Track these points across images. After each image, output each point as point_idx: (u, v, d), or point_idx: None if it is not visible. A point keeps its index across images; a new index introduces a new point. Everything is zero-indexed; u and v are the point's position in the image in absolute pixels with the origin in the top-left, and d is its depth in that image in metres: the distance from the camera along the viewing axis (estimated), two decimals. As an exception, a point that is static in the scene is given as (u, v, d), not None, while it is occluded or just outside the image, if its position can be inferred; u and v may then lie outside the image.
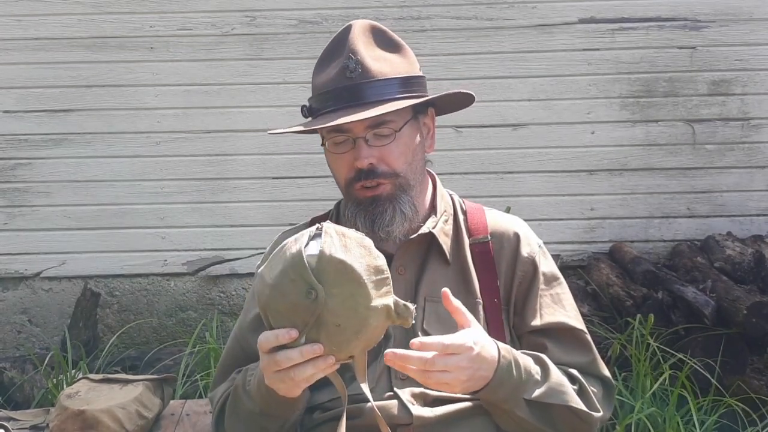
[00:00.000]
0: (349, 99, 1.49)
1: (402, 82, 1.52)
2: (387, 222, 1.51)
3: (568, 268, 3.78)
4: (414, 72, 1.56)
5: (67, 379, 3.19)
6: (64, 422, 2.05)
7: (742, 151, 3.88)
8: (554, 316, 1.56)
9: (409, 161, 1.54)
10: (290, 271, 1.22)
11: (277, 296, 1.23)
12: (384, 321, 1.25)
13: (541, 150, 3.88)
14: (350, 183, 1.53)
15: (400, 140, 1.52)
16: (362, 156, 1.50)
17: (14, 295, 3.96)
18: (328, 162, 1.58)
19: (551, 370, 1.47)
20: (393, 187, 1.52)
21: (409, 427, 1.45)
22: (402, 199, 1.53)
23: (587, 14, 3.84)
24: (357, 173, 1.51)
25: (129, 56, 3.86)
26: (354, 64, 1.49)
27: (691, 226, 3.89)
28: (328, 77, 1.52)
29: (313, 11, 3.85)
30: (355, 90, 1.49)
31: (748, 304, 2.99)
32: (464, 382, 1.34)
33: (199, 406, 2.31)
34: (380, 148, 1.51)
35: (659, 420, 2.89)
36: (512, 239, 1.60)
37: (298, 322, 1.23)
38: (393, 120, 1.51)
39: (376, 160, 1.50)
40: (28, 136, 3.89)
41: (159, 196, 3.90)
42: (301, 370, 1.25)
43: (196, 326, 3.64)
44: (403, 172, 1.53)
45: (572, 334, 1.57)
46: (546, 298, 1.58)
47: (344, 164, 1.53)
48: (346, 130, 1.50)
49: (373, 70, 1.50)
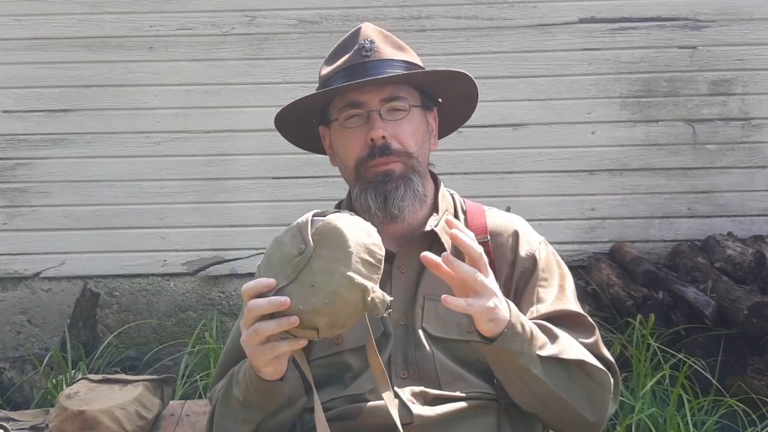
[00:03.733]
0: (363, 74, 1.52)
1: (411, 66, 1.56)
2: (400, 197, 1.51)
3: (569, 268, 3.77)
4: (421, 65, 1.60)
5: (66, 379, 3.19)
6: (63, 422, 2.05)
7: (743, 151, 3.87)
8: (554, 305, 1.54)
9: (420, 144, 1.55)
10: (294, 227, 1.31)
11: (274, 247, 1.31)
12: (357, 301, 1.25)
13: (541, 150, 3.87)
14: (362, 162, 1.53)
15: (412, 119, 1.54)
16: (376, 126, 1.50)
17: (14, 295, 3.96)
18: (336, 144, 1.58)
19: (560, 334, 1.45)
20: (405, 167, 1.53)
21: (409, 427, 1.44)
22: (414, 179, 1.53)
23: (587, 14, 3.84)
24: (370, 150, 1.51)
25: (129, 56, 3.86)
26: (369, 45, 1.54)
27: (692, 226, 3.88)
28: (341, 61, 1.56)
29: (313, 11, 3.84)
30: (368, 65, 1.53)
31: (749, 305, 2.99)
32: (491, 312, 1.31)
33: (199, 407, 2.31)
34: (394, 123, 1.52)
35: (659, 420, 2.89)
36: (511, 239, 1.60)
37: (281, 276, 1.27)
38: (406, 97, 1.54)
39: (390, 136, 1.51)
40: (28, 136, 3.89)
41: (159, 196, 3.90)
42: (265, 323, 1.26)
43: (195, 326, 3.63)
44: (414, 153, 1.54)
45: (573, 318, 1.54)
46: (545, 290, 1.56)
47: (357, 140, 1.53)
48: (360, 104, 1.52)
49: (387, 52, 1.55)
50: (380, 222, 1.50)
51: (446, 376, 1.49)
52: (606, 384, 1.46)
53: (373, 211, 1.51)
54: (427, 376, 1.49)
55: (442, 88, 1.62)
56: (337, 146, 1.59)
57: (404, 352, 1.51)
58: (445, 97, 1.63)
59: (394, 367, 1.49)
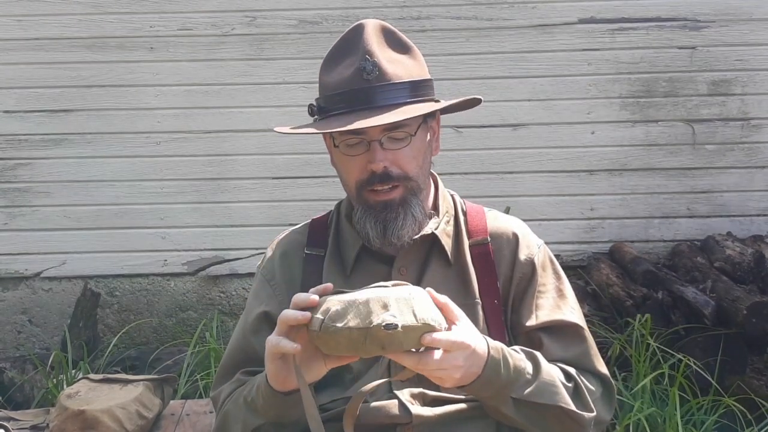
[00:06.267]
0: (366, 101, 1.48)
1: (415, 86, 1.52)
2: (399, 227, 1.51)
3: (568, 268, 3.77)
4: (425, 75, 1.56)
5: (67, 379, 3.19)
6: (64, 422, 2.06)
7: (742, 151, 3.88)
8: (551, 315, 1.55)
9: (420, 165, 1.54)
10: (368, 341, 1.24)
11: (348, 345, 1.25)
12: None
13: (541, 150, 3.88)
14: (362, 186, 1.52)
15: (414, 144, 1.52)
16: (377, 159, 1.48)
17: (14, 295, 3.96)
18: (336, 162, 1.57)
19: (543, 369, 1.45)
20: (405, 190, 1.52)
21: (408, 426, 1.45)
22: (413, 203, 1.52)
23: (587, 14, 3.84)
24: (370, 176, 1.50)
25: (129, 56, 3.86)
26: (371, 66, 1.48)
27: (691, 226, 3.89)
28: (341, 77, 1.50)
29: (313, 11, 3.85)
30: (371, 93, 1.48)
31: (748, 304, 2.99)
32: (457, 380, 1.33)
33: (199, 406, 2.31)
34: (394, 151, 1.50)
35: (659, 420, 2.89)
36: (511, 241, 1.60)
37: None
38: (408, 124, 1.50)
39: (390, 163, 1.50)
40: (28, 136, 3.90)
41: (159, 196, 3.90)
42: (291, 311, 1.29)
43: (196, 326, 3.64)
44: (414, 176, 1.52)
45: (570, 330, 1.55)
46: (543, 297, 1.57)
47: (357, 166, 1.51)
48: (361, 132, 1.49)
49: (389, 73, 1.49)
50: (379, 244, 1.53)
51: None
52: (584, 422, 1.47)
53: (372, 238, 1.52)
54: (426, 379, 1.50)
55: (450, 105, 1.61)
56: (338, 166, 1.57)
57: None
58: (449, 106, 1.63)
59: (393, 368, 1.50)
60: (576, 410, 1.46)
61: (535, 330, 1.54)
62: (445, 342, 1.27)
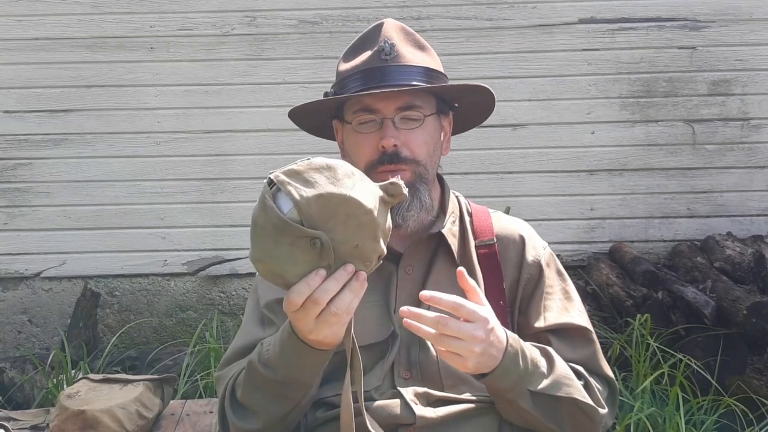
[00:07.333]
0: (380, 79, 1.51)
1: (429, 72, 1.56)
2: (405, 207, 1.51)
3: (568, 268, 3.73)
4: (439, 68, 1.60)
5: (67, 379, 3.19)
6: (64, 422, 2.06)
7: (742, 151, 3.88)
8: (560, 317, 1.56)
9: (430, 153, 1.56)
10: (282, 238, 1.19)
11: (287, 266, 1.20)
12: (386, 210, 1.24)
13: (541, 150, 3.88)
14: (371, 166, 1.52)
15: (426, 128, 1.54)
16: (388, 135, 1.51)
17: (14, 295, 3.96)
18: (347, 145, 1.59)
19: (557, 363, 1.46)
20: (413, 174, 1.53)
21: (411, 427, 1.44)
22: (421, 188, 1.54)
23: (587, 14, 3.84)
24: (380, 156, 1.52)
25: (129, 56, 3.87)
26: (389, 48, 1.53)
27: (691, 226, 3.89)
28: (359, 61, 1.54)
29: (313, 11, 3.85)
30: (386, 71, 1.52)
31: (748, 304, 2.99)
32: (477, 355, 1.31)
33: (199, 406, 2.31)
34: (407, 132, 1.52)
35: (659, 420, 2.89)
36: (518, 242, 1.61)
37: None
38: (422, 106, 1.53)
39: (401, 144, 1.51)
40: (28, 136, 3.90)
41: (159, 196, 3.91)
42: (340, 300, 1.21)
43: (196, 326, 3.64)
44: (423, 162, 1.54)
45: (578, 333, 1.56)
46: (551, 299, 1.58)
47: (367, 145, 1.53)
48: (375, 110, 1.52)
49: (406, 56, 1.54)
50: None
51: (449, 379, 1.50)
52: (597, 417, 1.48)
53: None
54: (430, 378, 1.50)
55: (460, 96, 1.63)
56: (348, 146, 1.59)
57: (408, 352, 1.51)
58: (461, 104, 1.65)
59: (397, 367, 1.50)
60: (592, 404, 1.46)
61: (544, 332, 1.55)
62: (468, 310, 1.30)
